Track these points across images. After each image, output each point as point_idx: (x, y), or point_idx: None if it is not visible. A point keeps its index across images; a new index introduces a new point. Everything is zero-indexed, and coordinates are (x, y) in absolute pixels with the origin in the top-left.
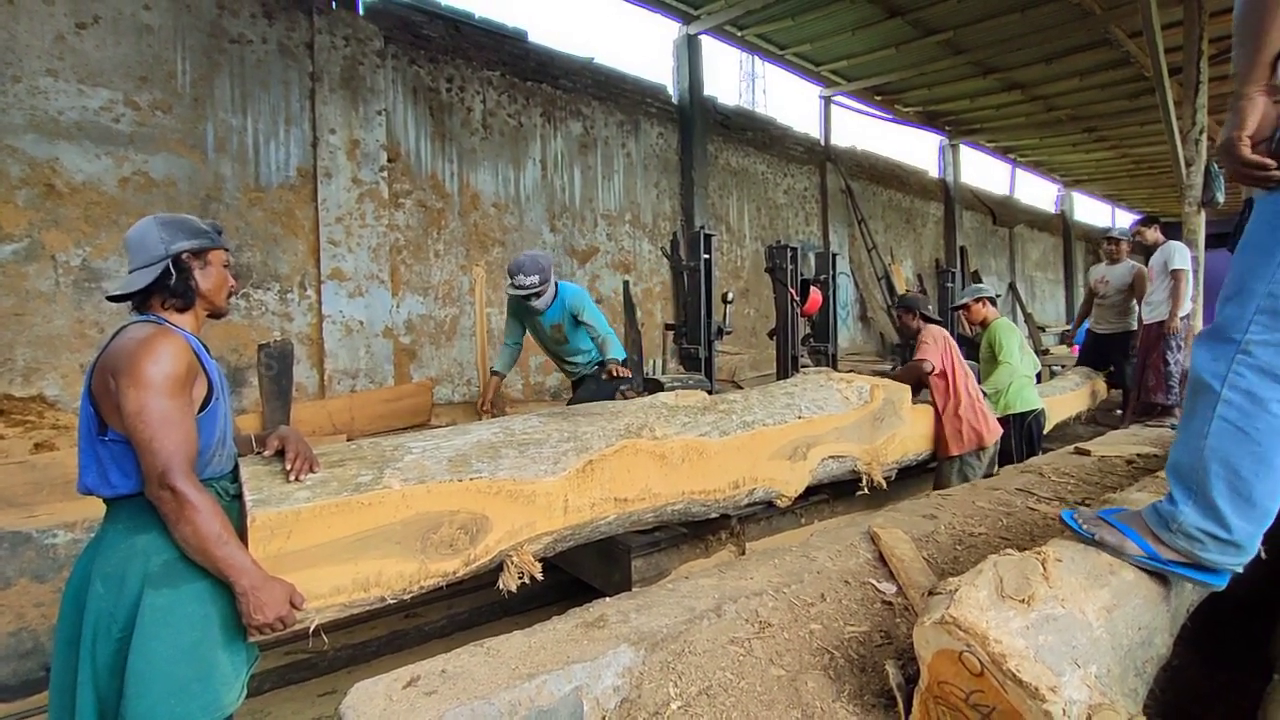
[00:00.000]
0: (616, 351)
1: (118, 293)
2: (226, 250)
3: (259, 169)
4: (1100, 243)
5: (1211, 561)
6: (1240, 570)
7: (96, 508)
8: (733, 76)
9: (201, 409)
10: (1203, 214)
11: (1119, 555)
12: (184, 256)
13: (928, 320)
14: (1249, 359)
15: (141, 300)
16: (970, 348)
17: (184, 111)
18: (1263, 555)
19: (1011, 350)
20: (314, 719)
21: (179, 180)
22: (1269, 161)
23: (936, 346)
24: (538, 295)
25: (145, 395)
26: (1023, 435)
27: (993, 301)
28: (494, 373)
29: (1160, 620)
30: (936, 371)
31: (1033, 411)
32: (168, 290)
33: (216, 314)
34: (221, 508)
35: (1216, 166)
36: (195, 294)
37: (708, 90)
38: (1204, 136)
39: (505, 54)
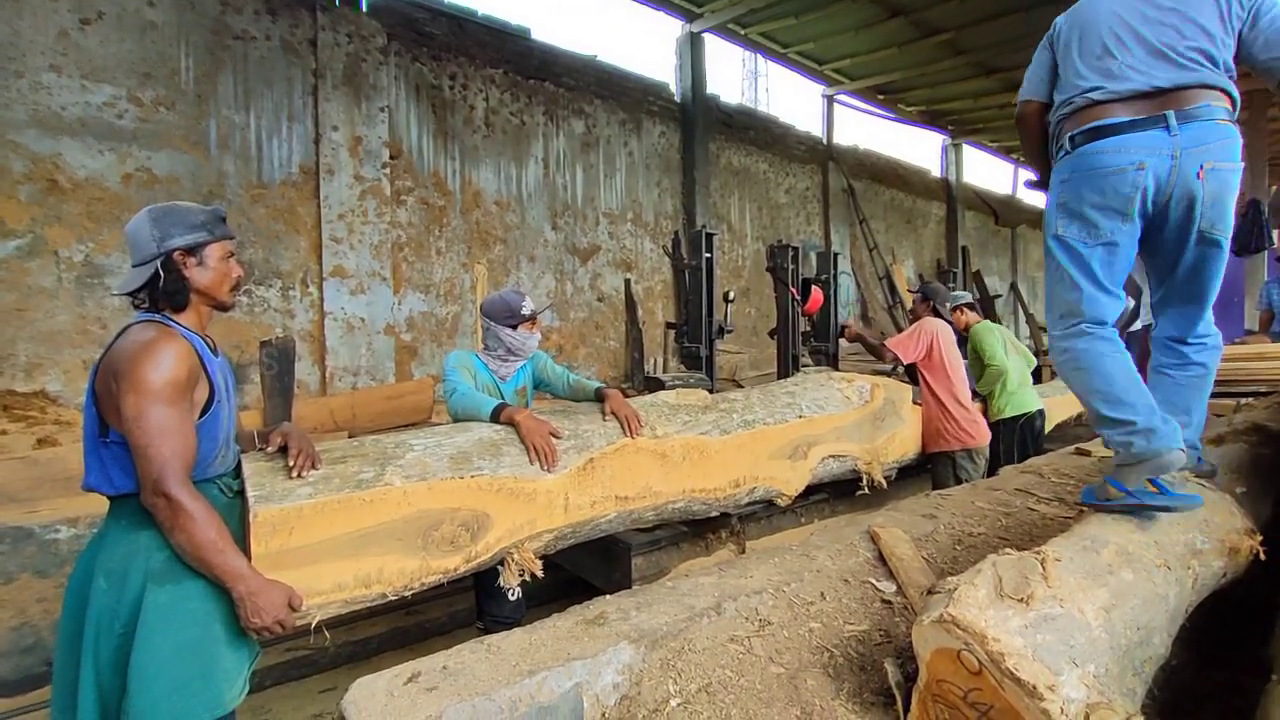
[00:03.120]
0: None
1: (119, 290)
2: (230, 239)
3: (261, 166)
4: None
5: (1148, 451)
6: (1174, 447)
7: (98, 504)
8: (735, 75)
9: (202, 414)
10: None
11: (1109, 504)
12: (176, 255)
13: (937, 314)
14: (1053, 336)
15: (143, 297)
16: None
17: (187, 108)
18: (1262, 557)
19: (995, 352)
20: (315, 715)
21: (182, 177)
22: None
23: (914, 342)
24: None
25: (143, 401)
26: (1018, 438)
27: (971, 307)
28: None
29: (1159, 620)
30: (903, 364)
31: (1027, 414)
32: (159, 292)
33: (221, 307)
34: (217, 514)
35: None
36: (189, 293)
37: (710, 89)
38: None
39: (508, 52)
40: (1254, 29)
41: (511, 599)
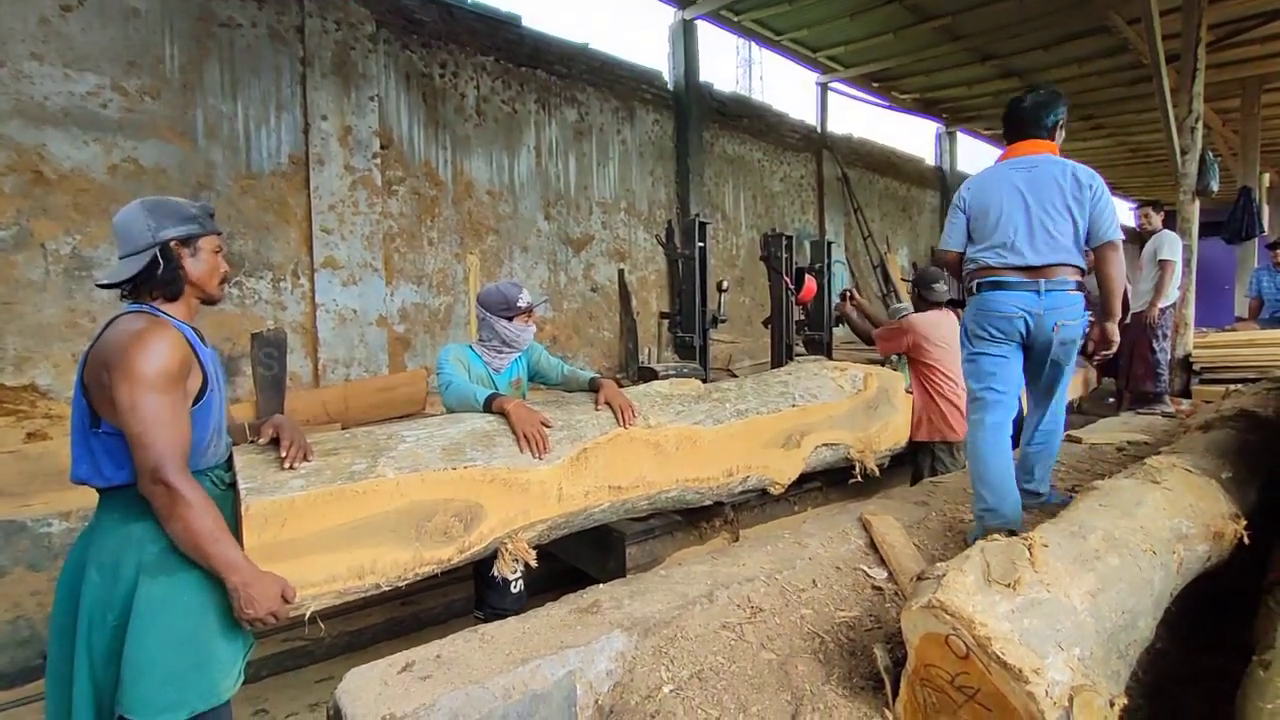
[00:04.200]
0: (586, 373)
1: (106, 281)
2: (218, 235)
3: (250, 156)
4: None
5: (993, 522)
6: (1013, 521)
7: (90, 497)
8: (729, 62)
9: (196, 401)
10: (1197, 203)
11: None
12: (171, 244)
13: (932, 304)
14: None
15: (131, 288)
16: None
17: (173, 97)
18: (1246, 541)
19: None
20: (311, 705)
21: (169, 168)
22: None
23: (891, 338)
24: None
25: (138, 390)
26: None
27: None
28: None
29: (1144, 604)
30: (883, 353)
31: None
32: (155, 280)
33: (209, 301)
34: (214, 503)
35: (1211, 155)
36: (184, 283)
37: (704, 77)
38: (1200, 124)
39: (499, 39)
40: (1091, 217)
41: (514, 591)
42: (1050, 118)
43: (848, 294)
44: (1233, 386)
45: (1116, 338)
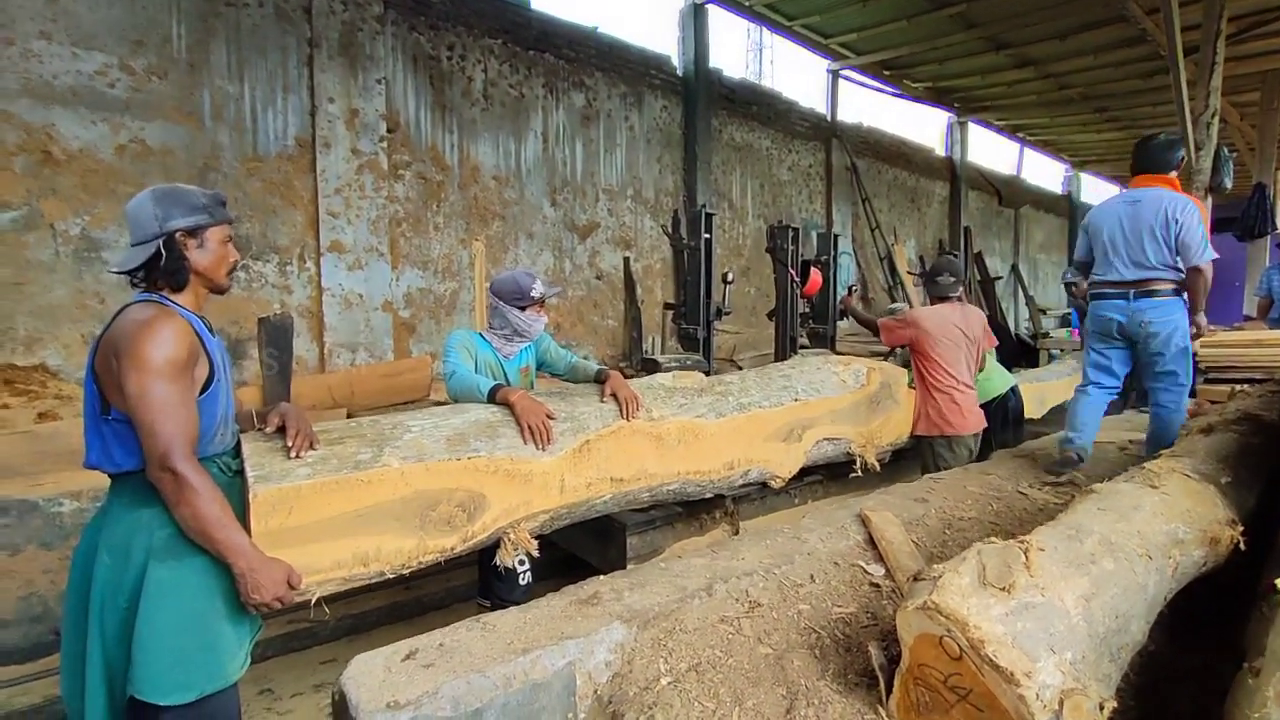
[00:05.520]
0: (593, 365)
1: (116, 269)
2: (229, 223)
3: (257, 138)
4: None
5: (1072, 447)
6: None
7: (100, 479)
8: (739, 47)
9: (202, 391)
10: (1209, 199)
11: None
12: (177, 235)
13: (941, 298)
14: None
15: (142, 276)
16: None
17: (180, 77)
18: (1242, 547)
19: None
20: (315, 685)
21: (176, 149)
22: None
23: (893, 330)
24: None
25: (147, 379)
26: (994, 421)
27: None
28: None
29: (1138, 608)
30: (889, 349)
31: (996, 398)
32: (160, 270)
33: (217, 290)
34: (220, 491)
35: (1226, 151)
36: (189, 274)
37: (713, 63)
38: (1216, 120)
39: (507, 21)
40: (1178, 246)
41: (521, 584)
42: (1174, 159)
43: (852, 289)
44: (1238, 387)
45: (1206, 325)
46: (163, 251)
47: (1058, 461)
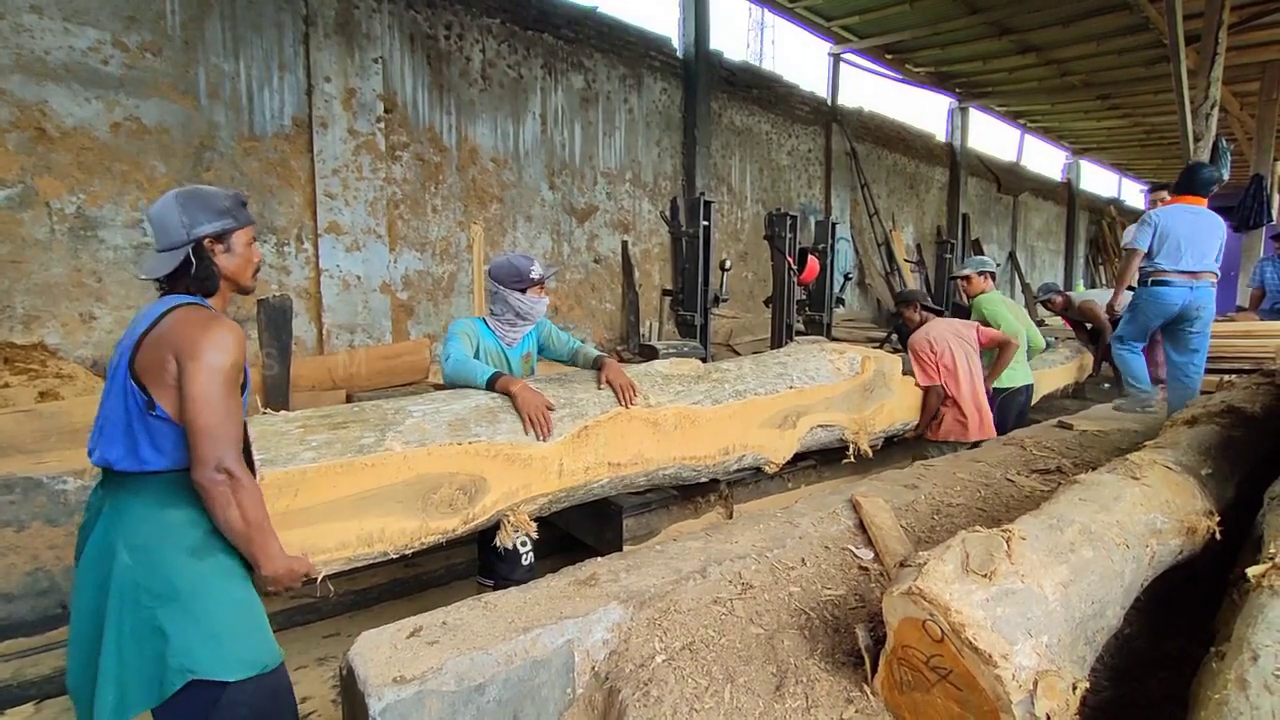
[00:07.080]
0: (593, 351)
1: (146, 276)
2: (252, 224)
3: (253, 117)
4: (1106, 211)
5: (1141, 395)
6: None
7: None
8: (740, 28)
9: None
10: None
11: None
12: (205, 241)
13: (929, 310)
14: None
15: (170, 280)
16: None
17: (174, 54)
18: (1218, 537)
19: (1010, 321)
20: (319, 659)
21: (172, 127)
22: None
23: (927, 358)
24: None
25: (213, 382)
26: (1002, 411)
27: (992, 276)
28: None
29: (1114, 595)
30: (930, 383)
31: (1013, 388)
32: (190, 277)
33: (243, 291)
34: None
35: (1225, 142)
36: (219, 278)
37: (714, 43)
38: (1215, 111)
39: (505, 0)
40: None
41: (524, 564)
42: (1213, 187)
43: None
44: (1226, 377)
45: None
46: (193, 259)
47: (1140, 403)
